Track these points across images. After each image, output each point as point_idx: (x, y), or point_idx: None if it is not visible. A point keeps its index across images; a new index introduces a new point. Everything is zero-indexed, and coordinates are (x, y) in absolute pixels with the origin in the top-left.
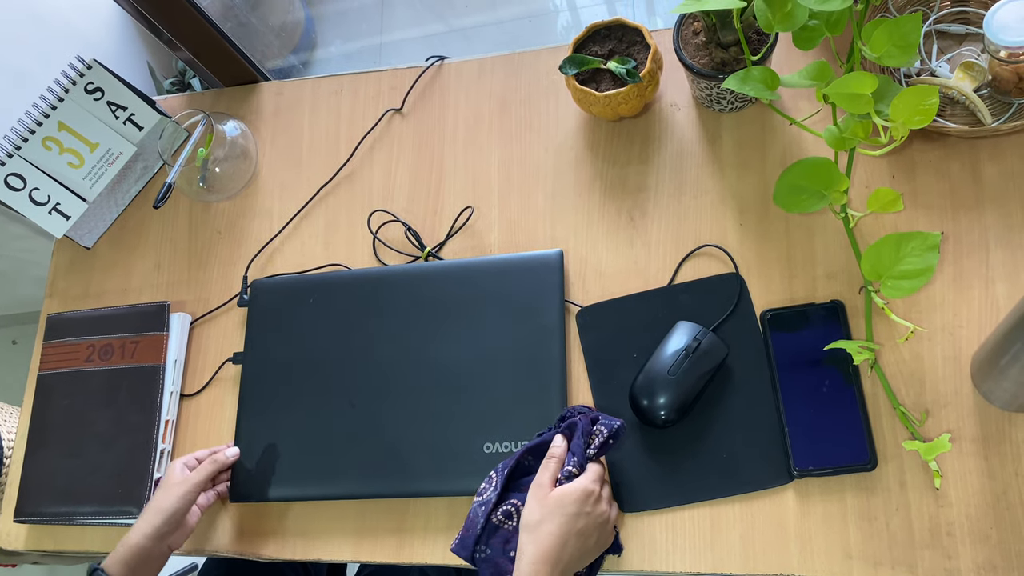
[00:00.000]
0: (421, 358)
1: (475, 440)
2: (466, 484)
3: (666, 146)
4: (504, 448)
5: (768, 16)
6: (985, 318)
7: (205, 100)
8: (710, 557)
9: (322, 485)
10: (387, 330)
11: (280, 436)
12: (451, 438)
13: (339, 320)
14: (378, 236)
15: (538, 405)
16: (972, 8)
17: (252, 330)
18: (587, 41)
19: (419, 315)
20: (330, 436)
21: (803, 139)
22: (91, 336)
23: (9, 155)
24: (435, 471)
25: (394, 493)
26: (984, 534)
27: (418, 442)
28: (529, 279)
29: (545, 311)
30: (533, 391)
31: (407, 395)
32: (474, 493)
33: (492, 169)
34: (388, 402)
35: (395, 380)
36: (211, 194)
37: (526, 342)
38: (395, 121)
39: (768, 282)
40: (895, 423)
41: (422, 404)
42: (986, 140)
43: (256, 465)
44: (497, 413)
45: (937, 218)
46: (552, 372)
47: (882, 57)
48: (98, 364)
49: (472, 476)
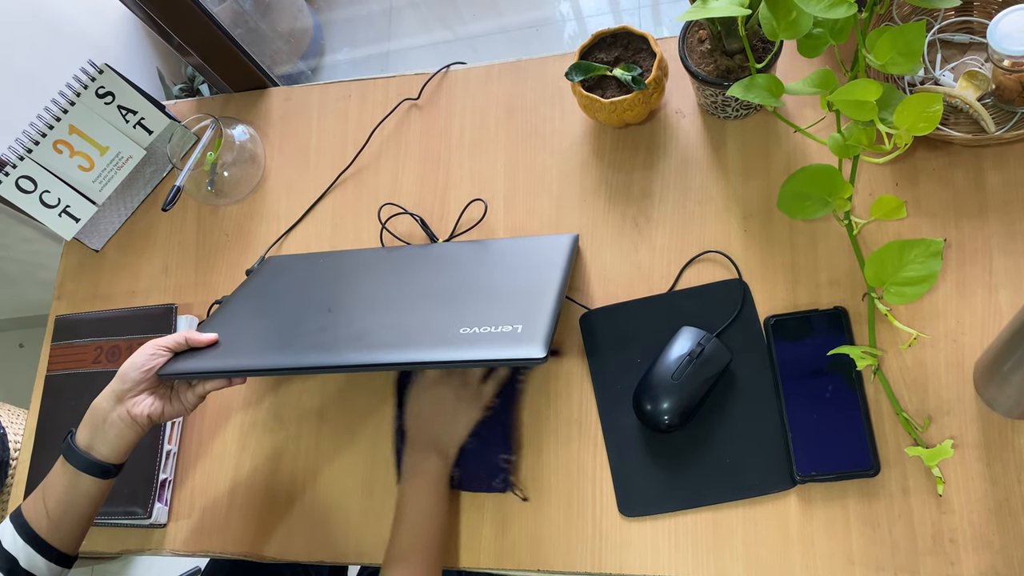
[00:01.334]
0: (416, 285)
1: (451, 326)
2: (430, 354)
3: (671, 153)
4: (482, 331)
5: (773, 24)
6: (988, 325)
7: (214, 105)
8: (712, 562)
9: (286, 355)
10: (388, 283)
11: (254, 327)
12: (424, 323)
13: (343, 276)
14: (386, 227)
15: (528, 295)
16: (976, 17)
17: (250, 283)
18: (593, 48)
19: (424, 276)
20: (301, 324)
21: (807, 146)
22: (98, 338)
23: (20, 158)
24: (401, 344)
25: (350, 364)
26: (987, 540)
27: (387, 325)
28: (541, 255)
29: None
30: (526, 288)
31: (389, 296)
32: (437, 366)
33: (498, 174)
34: (368, 305)
35: (383, 293)
36: (219, 198)
37: (524, 274)
38: (402, 126)
39: (772, 288)
40: (898, 429)
41: (403, 297)
42: (990, 148)
43: (225, 343)
44: (480, 304)
45: (940, 226)
46: (553, 271)
47: (886, 65)
48: (105, 366)
49: (439, 348)
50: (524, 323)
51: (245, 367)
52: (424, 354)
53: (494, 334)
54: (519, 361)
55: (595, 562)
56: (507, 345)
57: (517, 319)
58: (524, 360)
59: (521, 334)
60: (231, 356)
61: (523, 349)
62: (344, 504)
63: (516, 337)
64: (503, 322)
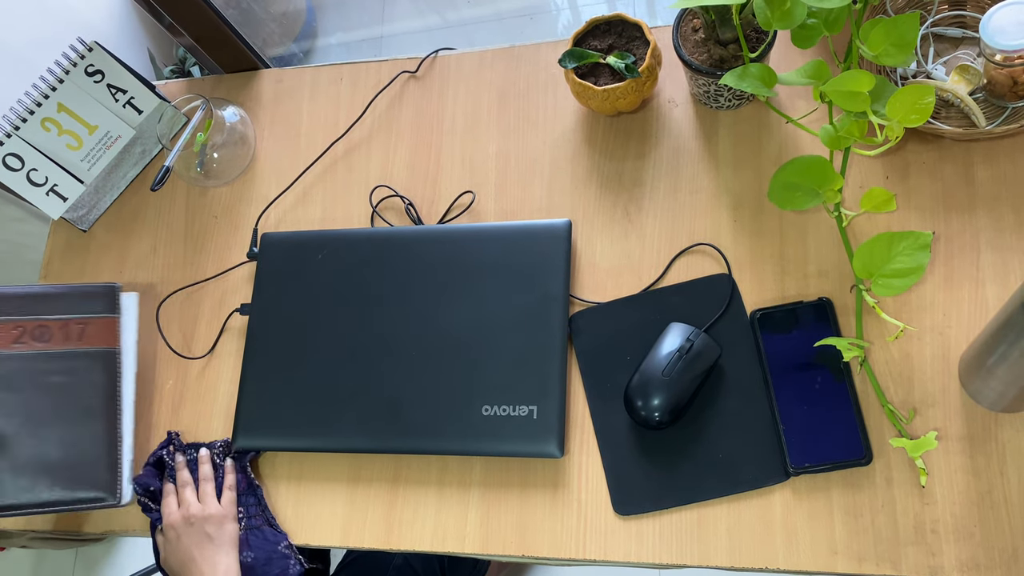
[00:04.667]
0: (425, 318)
1: (474, 402)
2: (461, 445)
3: (663, 142)
4: (502, 412)
5: (767, 14)
6: (974, 319)
7: (205, 86)
8: (696, 550)
9: (319, 437)
10: (393, 288)
11: (282, 387)
12: (450, 398)
13: (346, 276)
14: (377, 211)
15: (537, 370)
16: (969, 12)
17: (261, 282)
18: (587, 36)
19: (425, 275)
20: (330, 389)
21: (799, 138)
22: (22, 316)
23: (8, 135)
24: (432, 430)
25: (390, 449)
26: (968, 532)
27: (417, 400)
28: (536, 246)
29: (549, 279)
30: (533, 357)
31: (408, 352)
32: (469, 454)
33: (489, 160)
34: (389, 359)
35: (398, 337)
36: (208, 179)
37: (529, 309)
38: (395, 106)
39: (761, 279)
40: (883, 421)
41: (423, 362)
42: (980, 143)
43: (257, 414)
44: (497, 377)
45: (929, 219)
46: (552, 340)
47: (880, 56)
48: (31, 347)
49: (468, 437)
50: (538, 404)
51: (311, 447)
52: (456, 444)
53: (513, 418)
54: (538, 455)
55: (580, 549)
56: (525, 440)
57: (531, 396)
58: (542, 455)
59: (537, 420)
60: (294, 435)
61: (540, 445)
62: (332, 485)
63: (531, 425)
64: (519, 401)
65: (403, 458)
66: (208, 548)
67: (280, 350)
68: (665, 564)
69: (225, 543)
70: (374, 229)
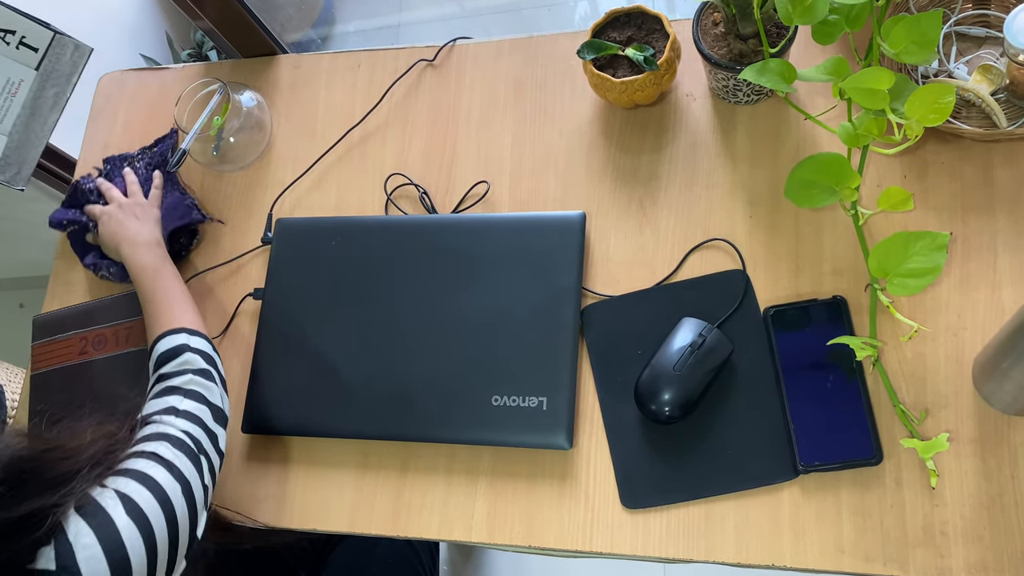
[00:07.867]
0: (437, 306)
1: (484, 392)
2: (471, 434)
3: (680, 136)
4: (512, 402)
5: (788, 9)
6: (989, 322)
7: (223, 70)
8: (703, 545)
9: (329, 422)
10: (406, 277)
11: (294, 372)
12: (460, 387)
13: (359, 263)
14: (391, 199)
15: (548, 362)
16: (993, 11)
17: (274, 267)
18: (606, 27)
19: (438, 265)
20: (341, 375)
21: (817, 135)
22: (82, 329)
23: None
24: (442, 418)
25: (400, 436)
26: (977, 535)
27: (427, 388)
28: (550, 238)
29: (562, 271)
30: (544, 348)
31: (420, 341)
32: (478, 443)
33: (505, 150)
34: (400, 346)
35: (409, 325)
36: (224, 164)
37: (541, 300)
38: (412, 95)
39: (775, 276)
40: (894, 421)
41: (434, 351)
42: (1000, 144)
43: (268, 398)
44: (507, 367)
45: (947, 220)
46: (564, 332)
47: (900, 54)
48: (92, 355)
49: (477, 427)
50: (548, 395)
51: (321, 431)
52: (465, 433)
53: (522, 408)
54: (547, 447)
55: (586, 541)
56: (534, 431)
57: (541, 388)
58: (551, 447)
59: (547, 411)
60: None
61: (549, 436)
62: (341, 470)
63: (541, 416)
64: (529, 392)
65: (412, 445)
66: (134, 222)
67: (292, 335)
68: (672, 558)
69: (150, 221)
70: (388, 217)
